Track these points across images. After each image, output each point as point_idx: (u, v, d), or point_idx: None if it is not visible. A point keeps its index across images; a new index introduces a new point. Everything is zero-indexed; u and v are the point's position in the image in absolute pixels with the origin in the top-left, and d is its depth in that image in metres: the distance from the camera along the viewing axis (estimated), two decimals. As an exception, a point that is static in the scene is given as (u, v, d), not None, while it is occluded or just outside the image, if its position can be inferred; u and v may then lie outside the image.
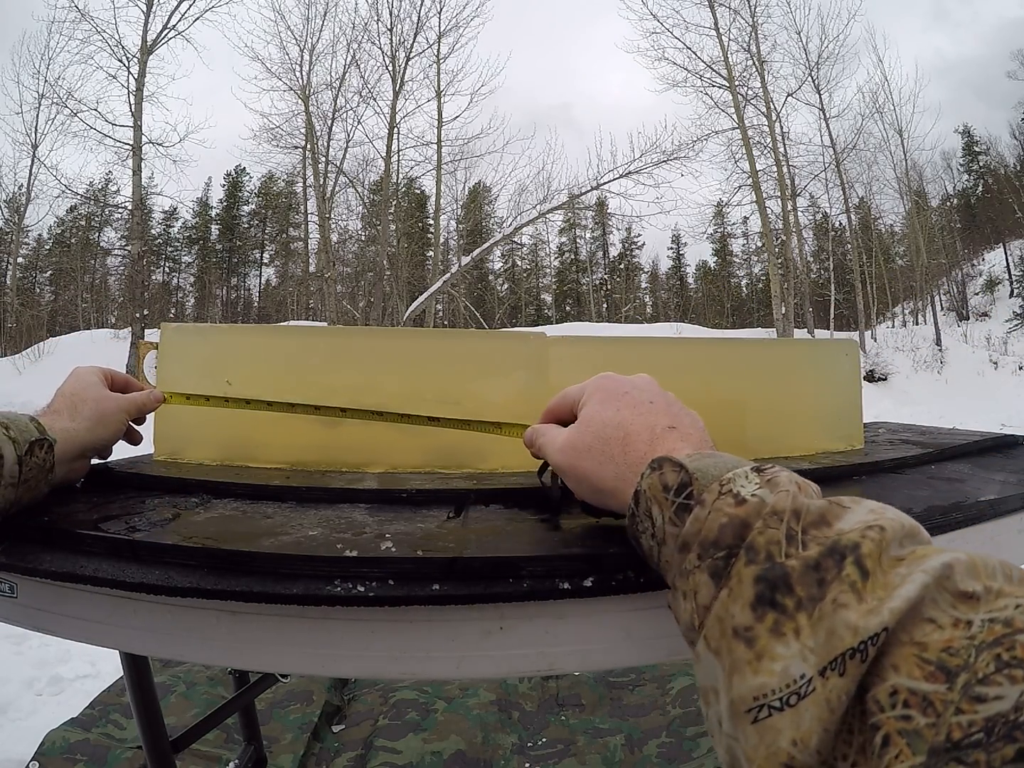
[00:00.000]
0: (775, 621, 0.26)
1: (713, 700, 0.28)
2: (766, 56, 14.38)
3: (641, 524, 0.36)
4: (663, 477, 0.34)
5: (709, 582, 0.29)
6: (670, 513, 0.33)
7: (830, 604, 0.25)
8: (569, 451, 0.43)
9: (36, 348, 11.91)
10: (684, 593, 0.31)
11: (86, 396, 0.59)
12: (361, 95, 14.08)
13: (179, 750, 0.86)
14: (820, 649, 0.24)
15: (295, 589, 0.39)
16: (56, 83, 12.78)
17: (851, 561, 0.26)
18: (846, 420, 0.80)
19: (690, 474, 0.34)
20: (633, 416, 0.41)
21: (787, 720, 0.24)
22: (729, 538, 0.29)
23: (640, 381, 0.45)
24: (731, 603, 0.27)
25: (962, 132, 29.37)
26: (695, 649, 0.30)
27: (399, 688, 1.59)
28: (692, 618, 0.30)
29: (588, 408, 0.44)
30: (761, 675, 0.25)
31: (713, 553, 0.29)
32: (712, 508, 0.31)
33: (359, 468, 0.67)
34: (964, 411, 9.21)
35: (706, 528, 0.30)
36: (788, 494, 0.30)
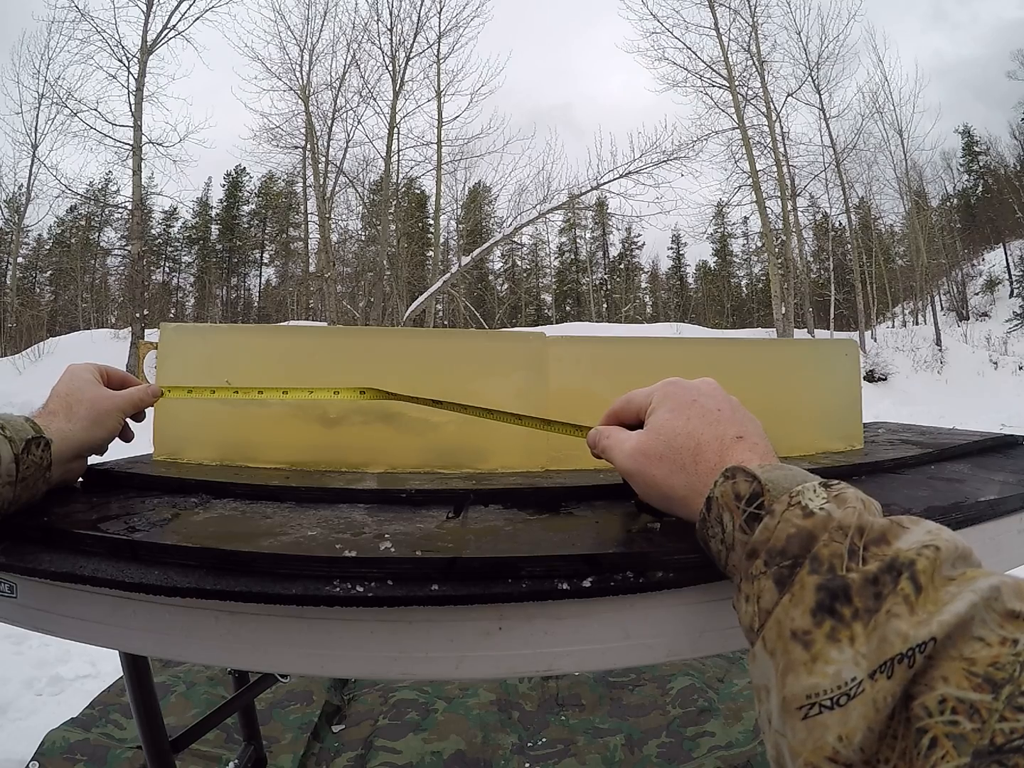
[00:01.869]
0: (832, 628, 0.27)
1: (764, 698, 0.30)
2: (766, 56, 14.39)
3: (711, 529, 0.37)
4: (736, 486, 0.36)
5: (773, 588, 0.31)
6: (740, 521, 0.35)
7: (884, 615, 0.27)
8: (640, 457, 0.44)
9: (36, 348, 11.91)
10: (747, 596, 0.32)
11: (81, 396, 0.59)
12: (361, 95, 14.09)
13: (179, 750, 0.86)
14: (872, 654, 0.26)
15: (294, 589, 0.39)
16: (56, 83, 12.80)
17: (906, 577, 0.27)
18: (846, 420, 0.80)
19: (762, 485, 0.35)
20: (703, 426, 0.42)
21: (835, 718, 0.25)
22: (796, 548, 0.31)
23: (706, 387, 0.46)
24: (792, 608, 0.29)
25: (962, 132, 29.39)
26: (752, 649, 0.31)
27: (399, 688, 1.59)
28: (753, 620, 0.31)
29: (658, 416, 0.45)
30: (815, 676, 0.27)
31: (779, 561, 0.31)
32: (781, 519, 0.32)
33: (358, 468, 0.67)
34: (964, 411, 9.20)
35: (774, 537, 0.32)
36: (855, 511, 0.31)
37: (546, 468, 0.69)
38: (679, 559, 0.42)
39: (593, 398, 0.70)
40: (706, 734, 1.39)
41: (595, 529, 0.49)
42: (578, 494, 0.58)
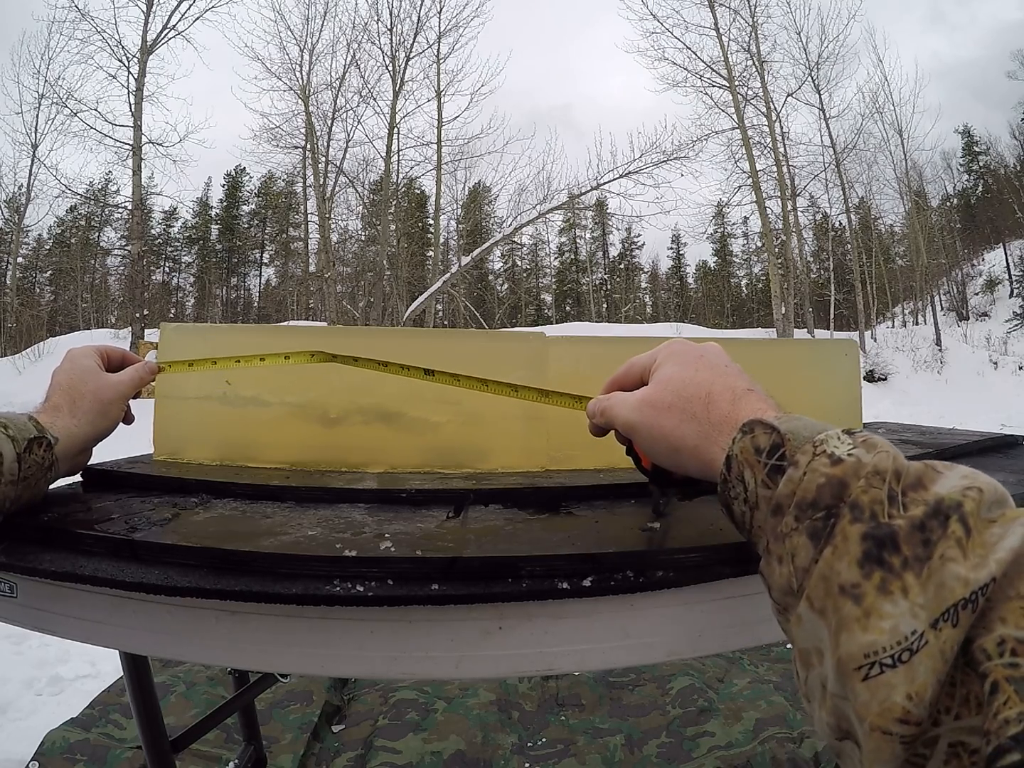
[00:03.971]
0: (882, 579, 0.26)
1: (816, 662, 0.28)
2: (766, 56, 14.40)
3: (733, 489, 0.35)
4: (755, 440, 0.34)
5: (808, 543, 0.29)
6: (763, 476, 0.33)
7: (938, 560, 0.25)
8: (646, 408, 0.42)
9: (36, 348, 11.90)
10: (779, 557, 0.30)
11: (84, 389, 0.59)
12: (361, 95, 14.10)
13: (179, 750, 0.86)
14: (930, 604, 0.25)
15: (294, 589, 0.39)
16: (56, 83, 12.82)
17: (956, 519, 0.26)
18: (846, 420, 0.80)
19: (782, 435, 0.33)
20: (713, 376, 0.41)
21: (900, 676, 0.24)
22: (827, 498, 0.29)
23: (712, 347, 0.45)
24: (836, 561, 0.27)
25: (962, 132, 29.39)
26: (795, 612, 0.29)
27: (399, 688, 1.59)
28: (790, 581, 0.29)
29: (664, 369, 0.43)
30: (871, 632, 0.25)
31: (811, 514, 0.29)
32: (808, 469, 0.30)
33: (358, 468, 0.67)
34: (964, 411, 9.20)
35: (802, 489, 0.30)
36: (888, 455, 0.30)
37: (546, 468, 0.69)
38: (679, 559, 0.42)
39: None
40: (706, 734, 1.39)
41: (595, 529, 0.49)
42: (578, 494, 0.58)
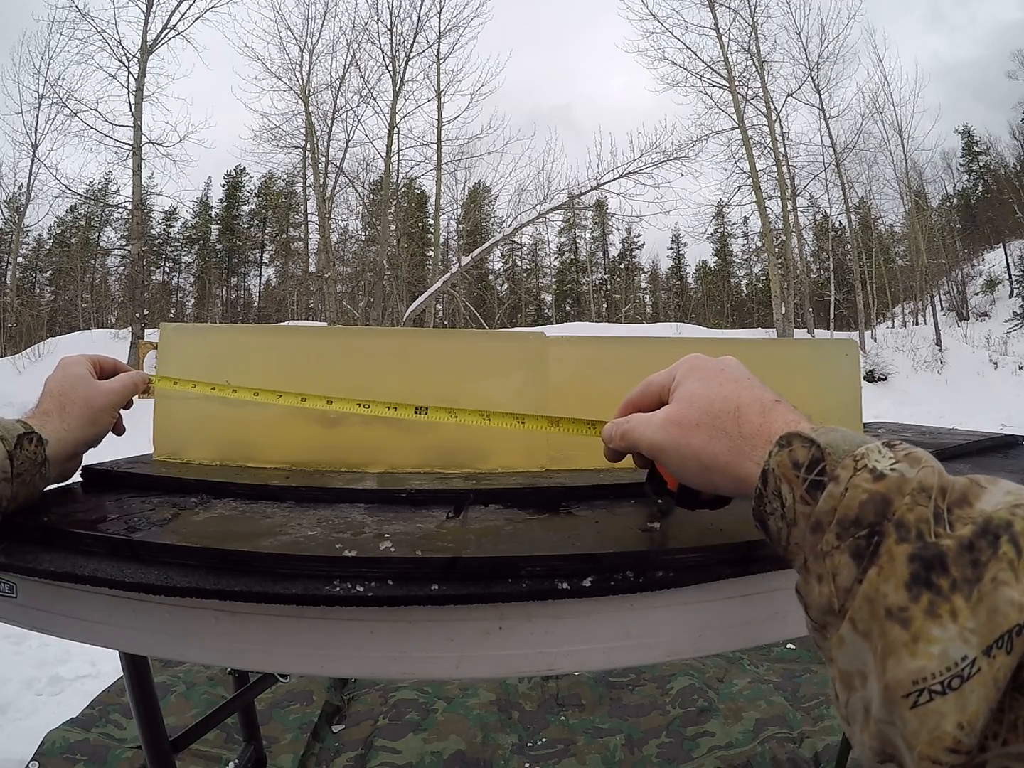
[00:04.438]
0: (930, 602, 0.25)
1: (859, 684, 0.27)
2: (766, 56, 14.39)
3: (769, 505, 0.34)
4: (793, 454, 0.33)
5: (851, 563, 0.28)
6: (801, 491, 0.32)
7: (989, 583, 0.24)
8: (672, 428, 0.40)
9: (36, 348, 11.89)
10: (819, 576, 0.29)
11: (75, 395, 0.59)
12: (361, 95, 14.09)
13: (179, 750, 0.86)
14: (982, 629, 0.24)
15: (294, 589, 0.39)
16: (56, 83, 12.79)
17: (1006, 539, 0.25)
18: (846, 420, 0.80)
19: (822, 449, 0.32)
20: (739, 389, 0.40)
21: (951, 704, 0.23)
22: (871, 515, 0.28)
23: (731, 361, 0.44)
24: (882, 583, 0.26)
25: (962, 132, 29.38)
26: (836, 632, 0.28)
27: (399, 688, 1.59)
28: (831, 601, 0.29)
29: (686, 386, 0.42)
30: (919, 658, 0.24)
31: (854, 532, 0.28)
32: (849, 485, 0.29)
33: (358, 468, 0.67)
34: (964, 411, 9.20)
35: (843, 506, 0.29)
36: (933, 471, 0.29)
37: (546, 468, 0.69)
38: (679, 559, 0.42)
39: (593, 398, 0.70)
40: (706, 734, 1.39)
41: (595, 529, 0.49)
42: (578, 494, 0.58)
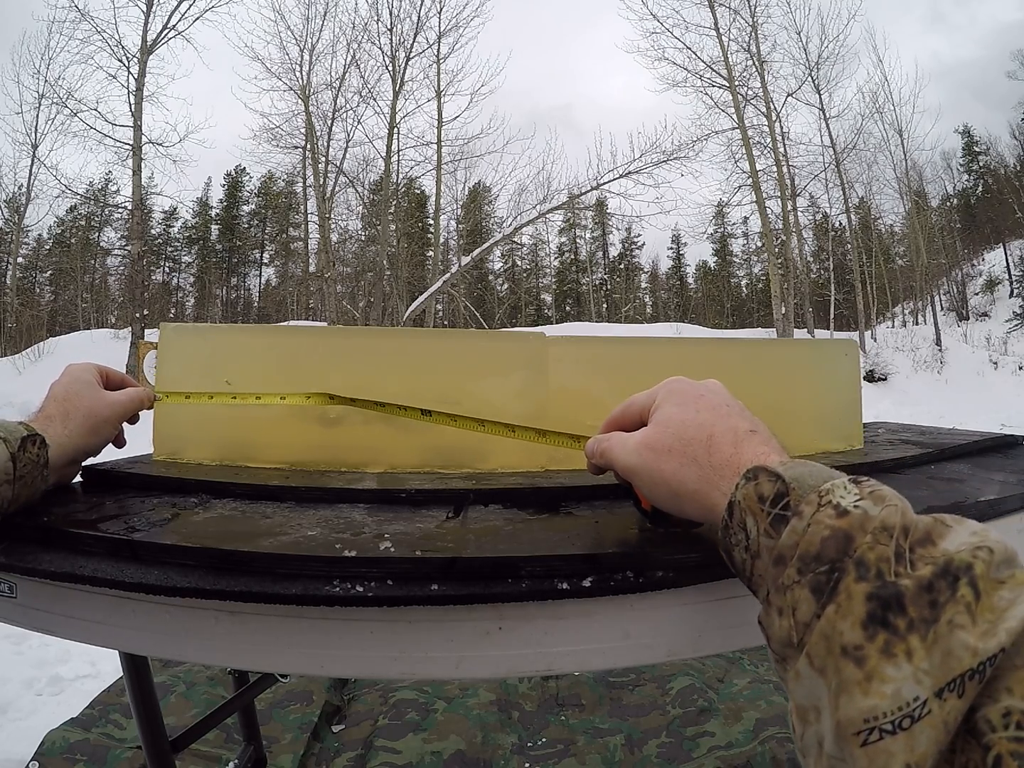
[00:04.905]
0: (886, 641, 0.25)
1: (813, 719, 0.28)
2: (766, 56, 14.39)
3: (735, 536, 0.35)
4: (759, 487, 0.33)
5: (810, 598, 0.28)
6: (765, 525, 0.32)
7: (945, 625, 0.25)
8: (646, 452, 0.41)
9: (36, 348, 11.89)
10: (780, 609, 0.30)
11: (79, 403, 0.59)
12: (361, 95, 14.08)
13: (179, 750, 0.86)
14: (936, 671, 0.24)
15: (294, 589, 0.39)
16: (56, 83, 12.78)
17: (965, 582, 0.26)
18: (846, 420, 0.80)
19: (787, 484, 0.33)
20: (714, 418, 0.40)
21: (900, 744, 0.23)
22: (832, 552, 0.28)
23: (713, 385, 0.44)
24: (839, 620, 0.27)
25: (962, 132, 29.38)
26: (794, 666, 0.29)
27: (399, 688, 1.59)
28: (790, 635, 0.29)
29: (664, 410, 0.42)
30: (871, 697, 0.25)
31: (815, 567, 0.29)
32: (812, 520, 0.30)
33: (358, 468, 0.67)
34: (964, 411, 9.20)
35: (805, 541, 0.29)
36: (897, 509, 0.29)
37: (546, 468, 0.69)
38: (679, 559, 0.42)
39: (593, 398, 0.71)
40: (706, 734, 1.39)
41: (595, 529, 0.49)
42: (578, 494, 0.58)
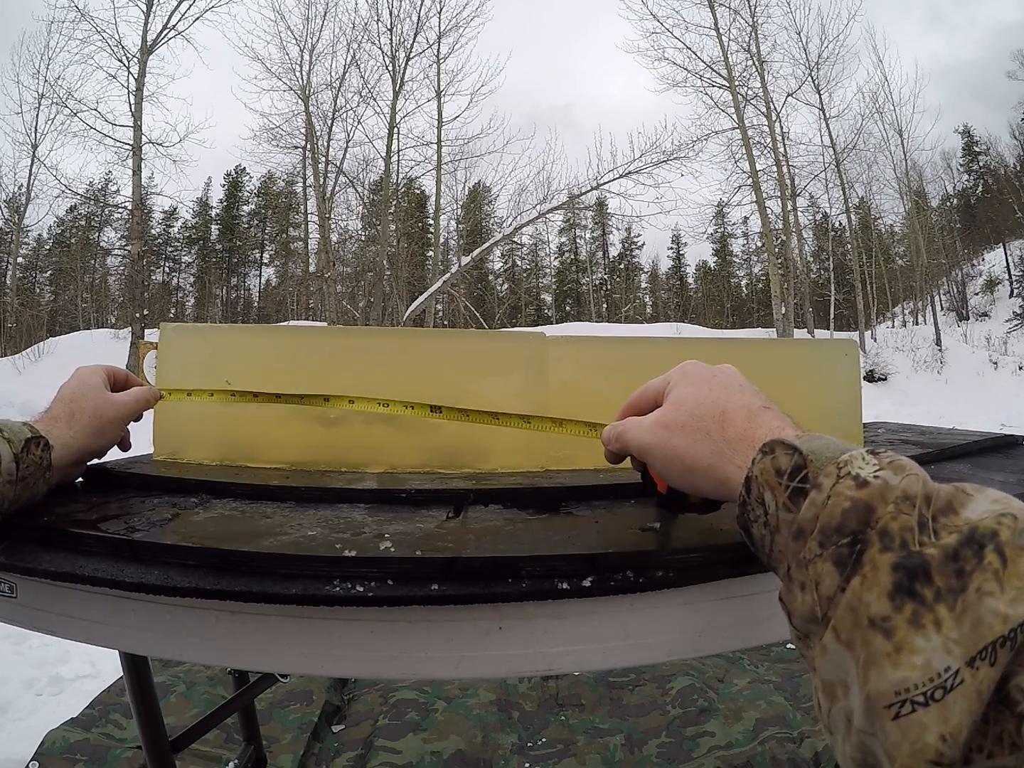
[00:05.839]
0: (913, 612, 0.25)
1: (841, 694, 0.27)
2: (766, 56, 14.38)
3: (752, 512, 0.34)
4: (775, 461, 0.33)
5: (833, 571, 0.28)
6: (784, 498, 0.32)
7: (974, 594, 0.24)
8: (660, 430, 0.42)
9: (36, 348, 11.89)
10: (802, 584, 0.29)
11: (85, 404, 0.59)
12: (361, 95, 14.07)
13: (179, 750, 0.86)
14: (966, 640, 0.24)
15: (294, 589, 0.39)
16: (56, 83, 12.77)
17: (991, 549, 0.25)
18: (846, 420, 0.80)
19: (804, 456, 0.32)
20: (728, 395, 0.41)
21: (933, 715, 0.23)
22: (853, 523, 0.28)
23: (727, 368, 0.45)
24: (865, 592, 0.26)
25: (962, 132, 29.37)
26: (819, 641, 0.28)
27: (399, 688, 1.59)
28: (813, 609, 0.29)
29: (678, 390, 0.43)
30: (901, 669, 0.24)
31: (837, 540, 0.28)
32: (832, 492, 0.29)
33: (358, 468, 0.67)
34: (964, 411, 9.19)
35: (825, 513, 0.29)
36: (917, 478, 0.29)
37: (546, 468, 0.69)
38: (679, 559, 0.42)
39: (594, 398, 0.70)
40: (706, 734, 1.39)
41: (595, 529, 0.49)
42: (578, 494, 0.58)
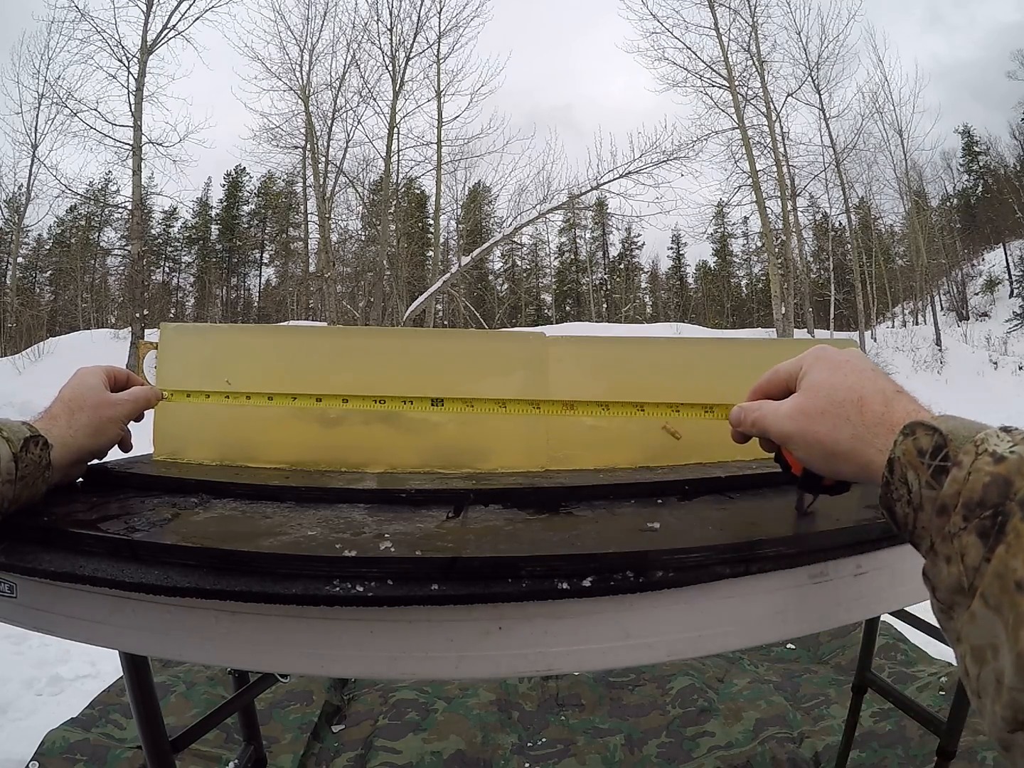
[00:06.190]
0: None
1: (991, 657, 0.29)
2: (766, 56, 14.38)
3: (896, 492, 0.36)
4: (917, 442, 0.35)
5: (978, 542, 0.29)
6: (927, 477, 0.34)
7: None
8: (799, 416, 0.44)
9: (36, 348, 11.89)
10: (947, 557, 0.31)
11: (84, 403, 0.59)
12: (361, 95, 14.07)
13: (179, 750, 0.86)
14: None
15: (294, 589, 0.39)
16: (56, 83, 12.77)
17: None
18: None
19: (944, 436, 0.34)
20: (862, 380, 0.42)
21: None
22: (994, 496, 0.30)
23: (856, 352, 0.46)
24: (1011, 559, 0.28)
25: (962, 132, 29.35)
26: (967, 610, 0.30)
27: (399, 688, 1.59)
28: (960, 580, 0.30)
29: (812, 376, 0.45)
30: None
31: (979, 513, 0.30)
32: (972, 469, 0.31)
33: (358, 468, 0.67)
34: (964, 411, 9.08)
35: (967, 488, 0.31)
36: None
37: (546, 468, 0.69)
38: (679, 559, 0.42)
39: (594, 398, 0.70)
40: (706, 734, 1.39)
41: (595, 529, 0.49)
42: (578, 494, 0.58)
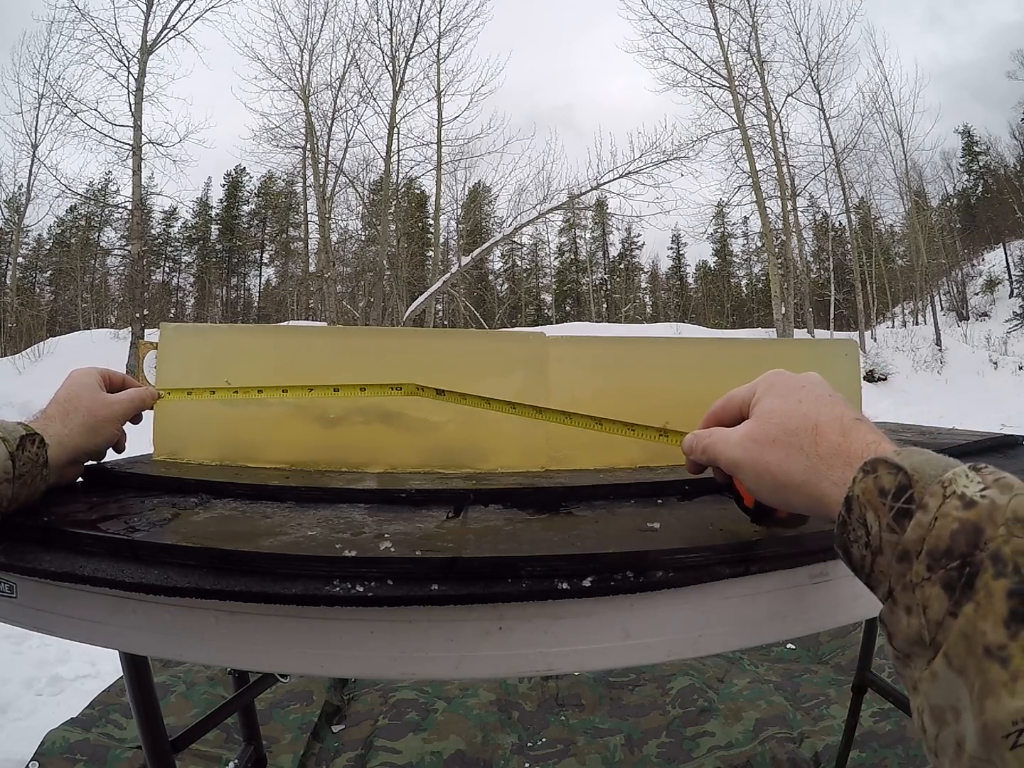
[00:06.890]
0: None
1: (951, 720, 0.27)
2: (766, 56, 14.39)
3: (854, 532, 0.33)
4: (878, 480, 0.32)
5: (942, 595, 0.27)
6: (888, 519, 0.31)
7: None
8: (749, 444, 0.41)
9: (36, 348, 11.89)
10: (908, 607, 0.29)
11: (79, 403, 0.59)
12: (361, 95, 14.08)
13: (179, 750, 0.86)
14: None
15: (294, 589, 0.39)
16: (56, 83, 12.78)
17: None
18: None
19: (909, 476, 0.31)
20: (818, 407, 0.39)
21: None
22: (962, 546, 0.28)
23: (813, 377, 0.43)
24: (979, 619, 0.26)
25: (962, 132, 29.35)
26: (927, 666, 0.28)
27: (399, 688, 1.59)
28: (920, 633, 0.29)
29: (766, 402, 0.42)
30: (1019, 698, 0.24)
31: (945, 563, 0.28)
32: (938, 513, 0.29)
33: (358, 468, 0.67)
34: (964, 411, 9.19)
35: (933, 536, 0.29)
36: None
37: (546, 468, 0.69)
38: (679, 559, 0.42)
39: (594, 398, 0.71)
40: (706, 734, 1.39)
41: (595, 529, 0.49)
42: (578, 494, 0.58)
